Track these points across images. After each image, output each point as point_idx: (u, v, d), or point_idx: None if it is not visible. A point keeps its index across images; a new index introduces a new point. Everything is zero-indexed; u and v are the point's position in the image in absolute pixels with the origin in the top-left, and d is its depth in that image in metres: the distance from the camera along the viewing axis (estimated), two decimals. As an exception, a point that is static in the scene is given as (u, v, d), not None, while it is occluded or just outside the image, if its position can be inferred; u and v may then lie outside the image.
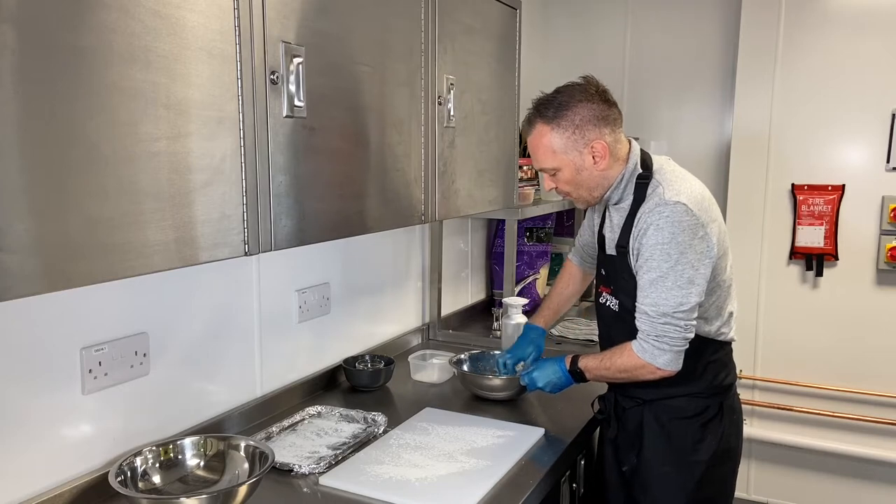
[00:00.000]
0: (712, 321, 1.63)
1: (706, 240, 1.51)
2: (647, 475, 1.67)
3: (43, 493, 1.30)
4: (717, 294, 1.61)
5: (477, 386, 1.98)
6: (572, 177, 1.62)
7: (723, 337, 1.66)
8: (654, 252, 1.51)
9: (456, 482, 1.47)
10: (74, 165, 0.90)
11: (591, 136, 1.57)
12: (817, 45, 2.89)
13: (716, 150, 3.21)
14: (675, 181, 1.57)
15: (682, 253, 1.49)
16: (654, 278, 1.51)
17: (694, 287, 1.50)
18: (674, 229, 1.49)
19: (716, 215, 1.58)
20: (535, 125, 1.62)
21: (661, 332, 1.52)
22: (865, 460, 2.97)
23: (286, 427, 1.73)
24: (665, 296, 1.50)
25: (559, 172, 1.62)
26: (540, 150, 1.62)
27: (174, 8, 1.01)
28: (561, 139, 1.58)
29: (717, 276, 1.59)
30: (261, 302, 1.81)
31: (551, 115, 1.58)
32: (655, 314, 1.51)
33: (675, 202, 1.50)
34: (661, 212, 1.51)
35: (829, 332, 2.99)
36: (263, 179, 1.20)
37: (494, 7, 1.99)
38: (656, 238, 1.50)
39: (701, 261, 1.51)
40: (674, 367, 1.53)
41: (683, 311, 1.50)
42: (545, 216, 3.00)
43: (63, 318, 1.32)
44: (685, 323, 1.51)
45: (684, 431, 1.64)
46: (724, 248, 1.60)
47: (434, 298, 2.60)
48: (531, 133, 1.63)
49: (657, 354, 1.52)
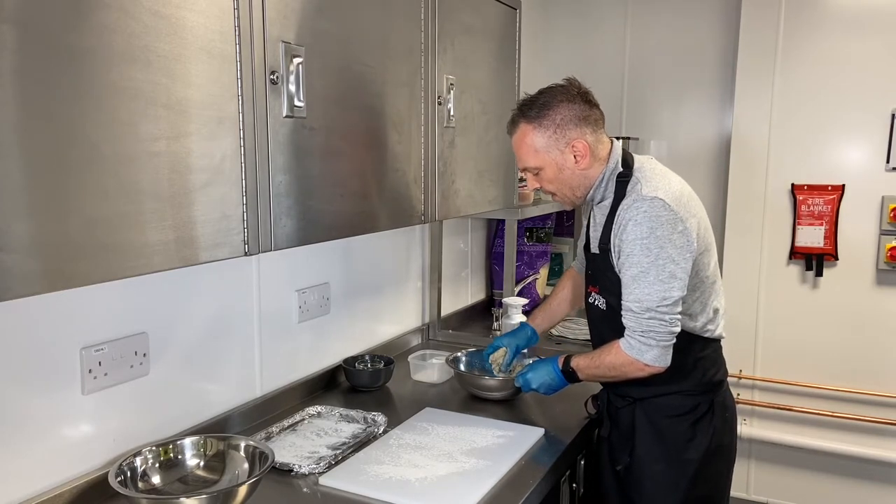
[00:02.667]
0: (697, 317, 1.63)
1: (686, 234, 1.53)
2: (640, 474, 1.67)
3: (43, 493, 1.30)
4: (701, 290, 1.62)
5: (473, 385, 1.98)
6: (555, 175, 1.64)
7: (709, 334, 1.66)
8: (634, 248, 1.53)
9: (456, 482, 1.47)
10: (74, 165, 0.90)
11: (572, 136, 1.60)
12: (817, 45, 2.89)
13: (716, 150, 3.21)
14: (654, 178, 1.59)
15: (662, 247, 1.51)
16: (636, 274, 1.53)
17: (676, 281, 1.52)
18: (652, 224, 1.51)
19: (696, 211, 1.59)
20: (519, 125, 1.64)
21: (647, 328, 1.53)
22: (865, 460, 2.97)
23: (286, 427, 1.73)
24: (648, 290, 1.52)
25: (542, 171, 1.65)
26: (523, 149, 1.65)
27: (174, 8, 1.01)
28: (543, 138, 1.61)
29: (700, 272, 1.60)
30: (261, 302, 1.81)
31: (534, 115, 1.61)
32: (640, 310, 1.53)
33: (653, 197, 1.52)
34: (638, 207, 1.53)
35: (829, 332, 2.99)
36: (263, 179, 1.20)
37: (494, 7, 1.99)
38: (635, 233, 1.52)
39: (682, 255, 1.52)
40: (661, 363, 1.55)
41: (667, 304, 1.52)
42: (545, 216, 3.00)
43: (63, 318, 1.32)
44: (669, 317, 1.53)
45: (676, 430, 1.65)
46: (705, 244, 1.61)
47: (434, 298, 2.60)
48: (515, 133, 1.66)
49: (644, 350, 1.54)
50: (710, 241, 1.64)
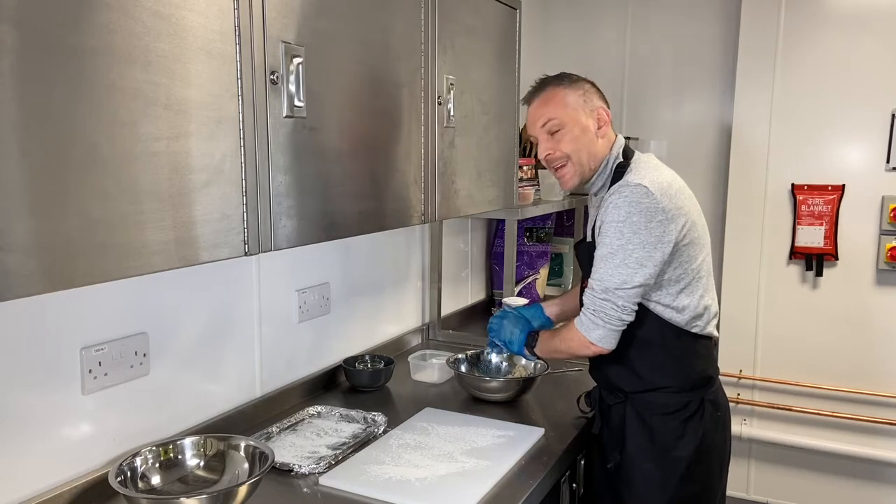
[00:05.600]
0: (683, 311, 1.62)
1: (663, 224, 1.53)
2: (631, 471, 1.68)
3: (43, 493, 1.30)
4: (685, 283, 1.61)
5: (474, 387, 1.98)
6: (577, 135, 1.67)
7: (697, 329, 1.65)
8: (609, 229, 1.56)
9: (456, 482, 1.47)
10: (74, 165, 0.90)
11: (596, 104, 1.70)
12: (817, 45, 2.89)
13: (716, 150, 3.21)
14: (645, 169, 1.62)
15: (635, 233, 1.52)
16: (605, 254, 1.56)
17: (641, 268, 1.53)
18: (630, 209, 1.53)
19: (683, 204, 1.59)
20: (546, 87, 1.71)
21: (599, 307, 1.56)
22: (865, 460, 2.97)
23: (286, 427, 1.73)
24: (611, 272, 1.54)
25: (564, 130, 1.67)
26: (550, 105, 1.68)
27: (174, 8, 1.01)
28: (573, 97, 1.68)
29: (685, 263, 1.60)
30: (261, 302, 1.81)
31: (563, 81, 1.70)
32: (599, 289, 1.56)
33: (637, 184, 1.54)
34: (621, 192, 1.56)
35: (829, 332, 2.99)
36: (263, 179, 1.20)
37: (494, 7, 1.99)
38: (613, 216, 1.55)
39: (655, 245, 1.53)
40: (606, 344, 1.57)
41: (626, 288, 1.54)
42: (545, 216, 3.00)
43: (63, 318, 1.33)
44: (623, 303, 1.54)
45: (666, 427, 1.65)
46: (691, 237, 1.60)
47: (434, 298, 2.60)
48: (541, 94, 1.71)
49: (591, 328, 1.57)
50: (699, 236, 1.64)
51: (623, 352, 1.63)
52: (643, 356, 1.64)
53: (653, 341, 1.63)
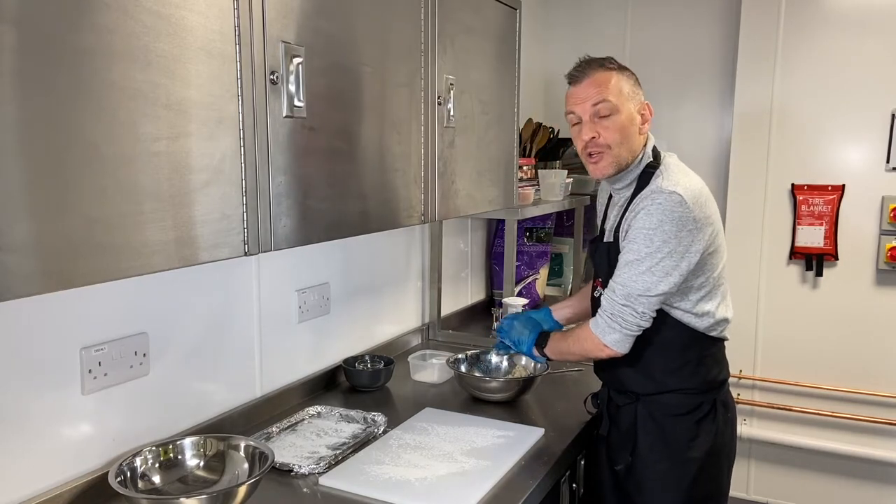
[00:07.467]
0: (703, 318, 1.62)
1: (693, 234, 1.52)
2: (642, 473, 1.67)
3: (43, 493, 1.30)
4: (707, 290, 1.61)
5: (474, 387, 1.97)
6: (624, 126, 1.60)
7: (714, 333, 1.66)
8: (638, 235, 1.53)
9: (456, 482, 1.47)
10: (74, 165, 0.90)
11: (643, 99, 1.66)
12: (817, 45, 2.89)
13: (716, 150, 3.21)
14: (677, 174, 1.60)
15: (665, 241, 1.51)
16: (631, 259, 1.54)
17: (666, 278, 1.52)
18: (663, 217, 1.51)
19: (711, 212, 1.59)
20: (601, 68, 1.63)
21: (618, 312, 1.55)
22: (865, 460, 2.97)
23: (286, 427, 1.73)
24: (636, 279, 1.53)
25: (615, 116, 1.60)
26: (608, 86, 1.60)
27: (174, 8, 1.01)
28: (628, 85, 1.63)
29: (708, 271, 1.60)
30: (261, 302, 1.81)
31: (616, 65, 1.65)
32: (621, 294, 1.54)
33: (671, 192, 1.52)
34: (654, 198, 1.53)
35: (829, 332, 2.99)
36: (263, 179, 1.20)
37: (494, 7, 1.99)
38: (644, 223, 1.53)
39: (682, 255, 1.52)
40: (621, 348, 1.57)
41: (648, 296, 1.52)
42: (545, 216, 3.00)
43: (63, 318, 1.32)
44: (644, 310, 1.53)
45: (679, 428, 1.64)
46: (715, 245, 1.60)
47: (434, 298, 2.59)
48: (596, 73, 1.62)
49: (607, 332, 1.56)
50: (721, 244, 1.64)
51: (638, 354, 1.61)
52: (659, 359, 1.64)
53: (670, 345, 1.63)
